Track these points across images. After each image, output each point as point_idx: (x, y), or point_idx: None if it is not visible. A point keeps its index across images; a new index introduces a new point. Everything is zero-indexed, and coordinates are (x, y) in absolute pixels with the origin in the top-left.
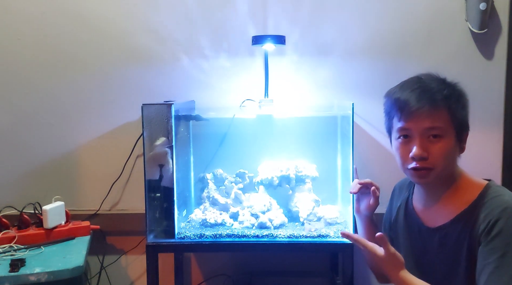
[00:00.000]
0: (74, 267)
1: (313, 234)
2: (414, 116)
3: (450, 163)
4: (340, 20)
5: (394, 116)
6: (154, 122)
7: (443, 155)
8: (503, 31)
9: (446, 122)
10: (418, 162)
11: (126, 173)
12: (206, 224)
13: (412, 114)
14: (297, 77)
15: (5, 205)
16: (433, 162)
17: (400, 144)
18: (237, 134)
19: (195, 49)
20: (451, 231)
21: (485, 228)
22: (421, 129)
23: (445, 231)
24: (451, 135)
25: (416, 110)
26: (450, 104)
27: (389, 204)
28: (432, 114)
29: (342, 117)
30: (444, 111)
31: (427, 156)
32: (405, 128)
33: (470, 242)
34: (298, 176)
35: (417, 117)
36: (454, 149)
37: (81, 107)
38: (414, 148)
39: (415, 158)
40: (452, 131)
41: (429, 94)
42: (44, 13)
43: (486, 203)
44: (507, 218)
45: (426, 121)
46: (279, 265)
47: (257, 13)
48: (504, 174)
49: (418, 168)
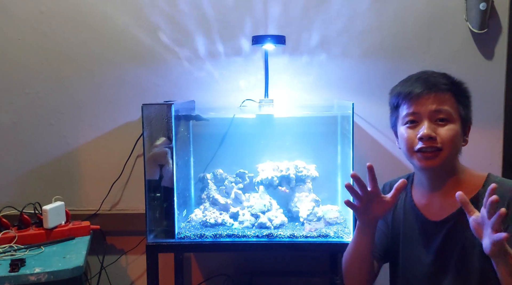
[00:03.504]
0: (74, 267)
1: (313, 234)
2: (421, 100)
3: (456, 149)
4: (340, 20)
5: (401, 105)
6: (154, 122)
7: (450, 136)
8: (503, 31)
9: (453, 107)
10: (426, 142)
11: (126, 173)
12: (206, 224)
13: (419, 98)
14: (297, 77)
15: (5, 205)
16: (441, 142)
17: (407, 128)
18: (237, 134)
19: (195, 49)
20: (460, 220)
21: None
22: (428, 111)
23: (453, 221)
24: (457, 122)
25: (422, 94)
26: (455, 91)
27: None
28: (439, 97)
29: (342, 117)
30: (450, 96)
31: (435, 136)
32: (413, 112)
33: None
34: (298, 176)
35: (424, 100)
36: (460, 136)
37: (81, 107)
38: (422, 128)
39: (423, 137)
40: (457, 118)
41: (434, 80)
42: (44, 13)
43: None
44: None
45: (433, 104)
46: (279, 265)
47: (257, 13)
48: (504, 174)
49: (426, 150)
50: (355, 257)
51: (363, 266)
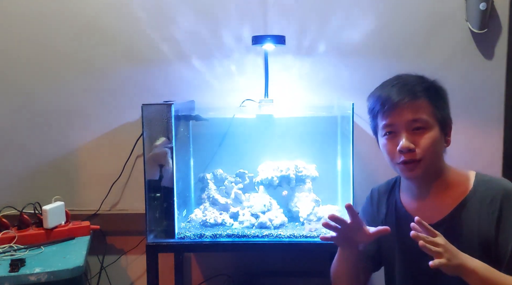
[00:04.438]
0: (74, 267)
1: (313, 234)
2: (396, 110)
3: (437, 155)
4: (340, 20)
5: (378, 114)
6: (154, 122)
7: (429, 145)
8: (503, 31)
9: (429, 114)
10: (405, 155)
11: (126, 173)
12: (206, 224)
13: (394, 108)
14: (297, 77)
15: (5, 205)
16: (420, 153)
17: (386, 140)
18: (237, 134)
19: (195, 49)
20: (455, 223)
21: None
22: (404, 122)
23: (448, 224)
24: (435, 127)
25: (397, 104)
26: (430, 96)
27: (368, 205)
28: (414, 106)
29: (342, 117)
30: (425, 102)
31: (414, 148)
32: (390, 124)
33: (480, 228)
34: (298, 176)
35: (399, 110)
36: (440, 141)
37: (81, 107)
38: (401, 141)
39: (402, 150)
40: (435, 122)
41: (408, 87)
42: (44, 14)
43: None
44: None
45: (408, 114)
46: (279, 265)
47: (257, 13)
48: (504, 174)
49: (406, 161)
50: (341, 273)
51: (350, 280)
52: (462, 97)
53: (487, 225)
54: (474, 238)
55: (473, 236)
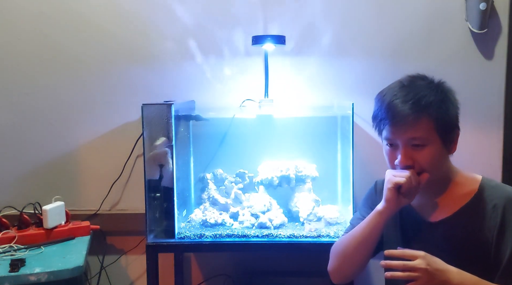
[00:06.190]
0: (74, 267)
1: (313, 234)
2: (396, 127)
3: (438, 167)
4: (340, 20)
5: (381, 123)
6: (154, 122)
7: (428, 161)
8: (503, 31)
9: (429, 130)
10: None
11: (126, 173)
12: (206, 224)
13: (396, 124)
14: (297, 77)
15: (5, 205)
16: (420, 168)
17: (388, 150)
18: (237, 134)
19: (195, 49)
20: (457, 224)
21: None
22: (404, 139)
23: (450, 224)
24: (435, 141)
25: (398, 122)
26: (432, 112)
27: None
28: (414, 125)
29: (342, 117)
30: (426, 120)
31: (412, 164)
32: (391, 138)
33: (481, 233)
34: (298, 176)
35: (399, 128)
36: (441, 153)
37: (81, 107)
38: (399, 156)
39: (400, 166)
40: (436, 137)
41: (411, 103)
42: (44, 13)
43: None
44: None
45: (408, 132)
46: (279, 265)
47: (257, 13)
48: (504, 174)
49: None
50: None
51: (367, 252)
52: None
53: (488, 229)
54: (473, 241)
55: (472, 239)
